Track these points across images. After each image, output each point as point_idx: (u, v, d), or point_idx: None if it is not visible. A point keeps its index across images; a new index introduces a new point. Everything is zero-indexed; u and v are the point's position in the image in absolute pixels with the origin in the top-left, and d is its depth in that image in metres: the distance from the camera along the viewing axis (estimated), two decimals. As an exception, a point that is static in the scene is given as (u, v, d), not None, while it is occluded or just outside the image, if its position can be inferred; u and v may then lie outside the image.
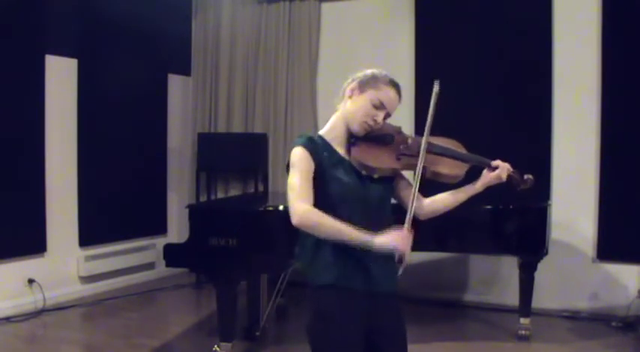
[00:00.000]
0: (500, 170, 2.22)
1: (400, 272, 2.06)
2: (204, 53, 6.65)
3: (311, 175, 2.09)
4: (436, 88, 2.20)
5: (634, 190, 4.93)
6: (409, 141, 2.23)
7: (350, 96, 2.18)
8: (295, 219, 2.00)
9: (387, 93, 2.15)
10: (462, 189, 2.27)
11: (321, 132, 2.23)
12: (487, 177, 2.24)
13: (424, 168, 2.17)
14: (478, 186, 2.26)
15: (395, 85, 2.18)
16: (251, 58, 6.42)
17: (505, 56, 5.31)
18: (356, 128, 2.16)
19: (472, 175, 2.28)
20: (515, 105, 5.30)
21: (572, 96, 5.19)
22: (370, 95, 2.14)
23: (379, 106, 2.14)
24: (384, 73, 2.20)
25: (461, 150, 2.31)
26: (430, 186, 2.27)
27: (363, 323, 2.11)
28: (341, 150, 2.18)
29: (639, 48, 4.91)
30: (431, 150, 2.21)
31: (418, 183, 2.14)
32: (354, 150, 2.15)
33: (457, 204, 2.27)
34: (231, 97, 6.50)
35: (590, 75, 5.10)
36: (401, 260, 2.02)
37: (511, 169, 2.27)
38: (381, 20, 5.87)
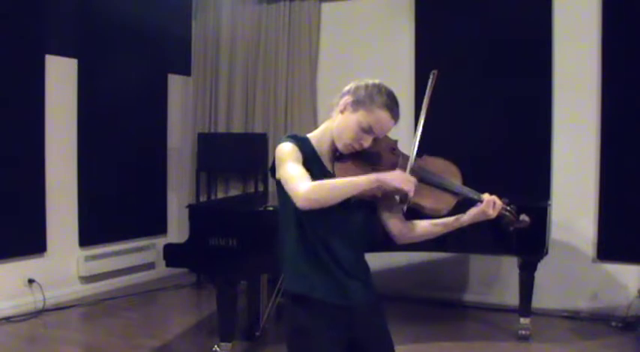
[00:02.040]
0: (486, 205, 2.05)
1: (405, 209, 2.00)
2: (204, 53, 6.65)
3: (301, 163, 1.98)
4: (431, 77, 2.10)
5: (634, 190, 4.93)
6: (399, 162, 2.06)
7: (342, 111, 2.05)
8: (300, 202, 1.87)
9: (379, 118, 2.00)
10: (447, 220, 2.13)
11: (309, 136, 2.11)
12: (473, 212, 2.09)
13: (406, 195, 1.99)
14: (463, 220, 2.11)
15: (390, 109, 2.02)
16: (251, 58, 6.42)
17: (505, 56, 5.31)
18: (340, 147, 2.05)
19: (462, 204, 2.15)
20: (515, 106, 5.30)
21: (572, 96, 5.18)
22: (360, 117, 2.00)
23: (367, 131, 2.00)
24: (384, 90, 2.03)
25: (455, 179, 2.12)
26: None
27: (343, 337, 2.05)
28: (325, 160, 2.08)
29: (639, 48, 4.92)
30: (421, 177, 2.03)
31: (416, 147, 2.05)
32: (337, 167, 2.03)
33: (438, 235, 2.17)
34: (231, 97, 6.49)
35: (590, 75, 5.10)
36: (405, 199, 1.94)
37: (503, 206, 2.10)
38: (381, 20, 5.87)
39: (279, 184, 2.02)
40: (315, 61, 6.17)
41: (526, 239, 4.44)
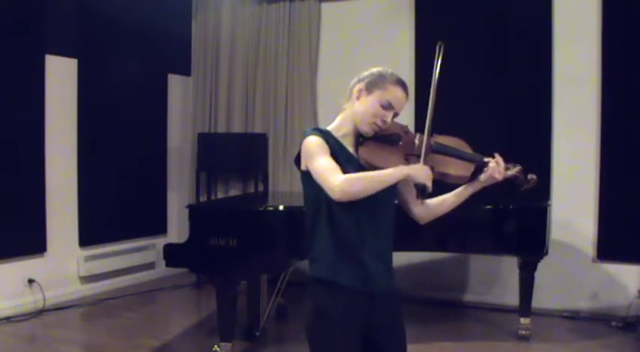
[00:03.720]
0: (492, 170, 2.18)
1: (422, 200, 2.11)
2: (204, 53, 6.65)
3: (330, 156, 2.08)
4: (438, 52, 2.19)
5: (634, 190, 4.93)
6: (416, 141, 2.20)
7: (357, 97, 2.17)
8: (337, 194, 1.97)
9: (395, 94, 2.14)
10: (461, 190, 2.25)
11: (329, 128, 2.20)
12: (482, 178, 2.21)
13: (431, 168, 2.13)
14: (475, 185, 2.23)
15: (402, 84, 2.17)
16: (251, 58, 6.42)
17: (505, 56, 5.31)
18: (365, 129, 2.15)
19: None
20: (515, 105, 5.30)
21: (572, 95, 5.19)
22: (378, 96, 2.13)
23: (387, 107, 2.13)
24: (390, 71, 2.18)
25: (466, 149, 2.27)
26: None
27: (362, 322, 2.11)
28: (350, 149, 2.17)
29: (639, 47, 4.92)
30: (437, 150, 2.19)
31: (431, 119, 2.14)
32: (362, 151, 2.14)
33: (457, 204, 2.26)
34: (231, 97, 6.49)
35: (590, 74, 5.10)
36: (424, 191, 2.05)
37: (511, 173, 2.23)
38: (381, 20, 5.87)
39: (305, 174, 2.12)
40: (315, 61, 6.17)
41: (526, 239, 4.46)
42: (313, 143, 2.08)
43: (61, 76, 5.43)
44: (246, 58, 6.44)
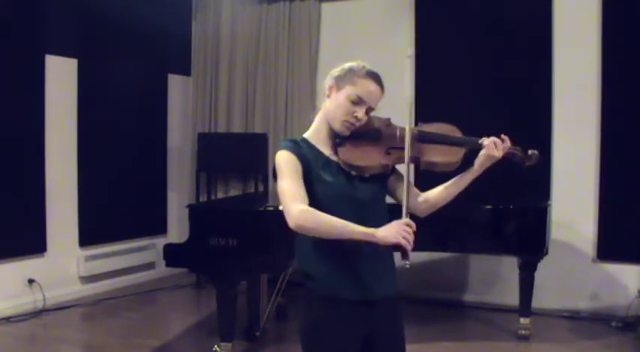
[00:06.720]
0: (489, 148, 2.09)
1: (408, 265, 1.88)
2: (204, 53, 6.65)
3: (300, 175, 2.00)
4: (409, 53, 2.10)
5: (634, 190, 4.93)
6: (398, 132, 2.11)
7: (328, 95, 2.08)
8: (291, 222, 1.90)
9: (365, 87, 2.03)
10: (460, 177, 2.15)
11: (305, 135, 2.12)
12: (480, 159, 2.11)
13: (417, 158, 2.09)
14: (474, 170, 2.13)
15: (373, 76, 2.06)
16: (251, 58, 6.42)
17: (505, 56, 5.31)
18: (338, 127, 2.05)
19: (471, 158, 2.16)
20: (515, 106, 5.30)
21: (572, 96, 5.19)
22: (347, 91, 2.03)
23: (358, 102, 2.03)
24: (361, 64, 2.08)
25: (455, 134, 2.18)
26: (428, 177, 2.21)
27: (359, 331, 2.06)
28: (327, 152, 2.08)
29: (639, 48, 4.92)
30: (422, 138, 2.12)
31: (408, 174, 2.04)
32: (341, 151, 2.06)
33: (458, 192, 2.17)
34: (231, 97, 6.50)
35: (590, 75, 5.10)
36: (406, 254, 1.88)
37: (508, 146, 2.16)
38: (381, 20, 5.87)
39: None
40: (315, 61, 6.17)
41: (526, 239, 4.46)
42: (281, 160, 2.01)
43: (61, 76, 5.43)
44: (246, 58, 6.44)
